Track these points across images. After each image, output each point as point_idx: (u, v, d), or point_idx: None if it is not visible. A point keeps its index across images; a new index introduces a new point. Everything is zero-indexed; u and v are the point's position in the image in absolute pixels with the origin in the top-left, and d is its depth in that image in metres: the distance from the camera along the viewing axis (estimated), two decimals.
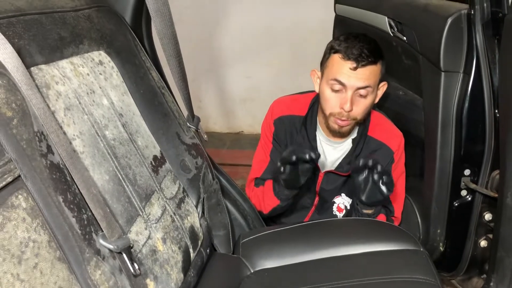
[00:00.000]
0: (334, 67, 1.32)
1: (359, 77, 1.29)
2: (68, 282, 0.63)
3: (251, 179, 1.55)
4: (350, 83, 1.29)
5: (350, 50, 1.29)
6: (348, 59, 1.29)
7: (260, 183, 1.51)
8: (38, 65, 0.77)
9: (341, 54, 1.30)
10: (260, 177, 1.52)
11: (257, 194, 1.49)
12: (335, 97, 1.33)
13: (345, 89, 1.31)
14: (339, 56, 1.31)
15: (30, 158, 0.64)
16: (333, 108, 1.34)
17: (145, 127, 1.03)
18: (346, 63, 1.29)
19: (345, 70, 1.29)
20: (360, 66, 1.28)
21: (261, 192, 1.46)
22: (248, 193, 1.54)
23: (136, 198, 0.88)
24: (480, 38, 1.34)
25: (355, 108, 1.32)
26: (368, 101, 1.34)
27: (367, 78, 1.30)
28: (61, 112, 0.77)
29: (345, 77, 1.29)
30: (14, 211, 0.58)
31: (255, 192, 1.50)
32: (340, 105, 1.32)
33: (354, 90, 1.30)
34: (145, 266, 0.83)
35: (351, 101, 1.30)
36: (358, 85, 1.29)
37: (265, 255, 1.18)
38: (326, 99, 1.35)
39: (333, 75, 1.31)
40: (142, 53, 1.12)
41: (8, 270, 0.54)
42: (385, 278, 1.01)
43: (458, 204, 1.46)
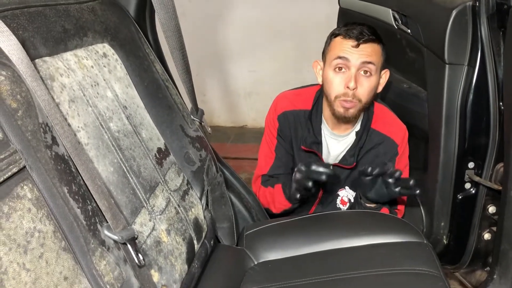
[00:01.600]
0: (336, 47, 1.35)
1: (362, 53, 1.31)
2: (73, 272, 0.64)
3: (257, 175, 1.55)
4: (353, 58, 1.31)
5: (350, 31, 1.32)
6: (349, 38, 1.32)
7: (268, 182, 1.51)
8: (42, 57, 0.78)
9: (342, 35, 1.34)
10: (267, 174, 1.52)
11: (265, 194, 1.49)
12: (339, 77, 1.34)
13: (348, 66, 1.32)
14: (340, 37, 1.34)
15: (35, 149, 0.64)
16: (338, 89, 1.34)
17: (149, 120, 1.03)
18: (347, 41, 1.32)
19: (347, 47, 1.32)
20: (361, 42, 1.31)
21: (270, 194, 1.47)
22: (255, 189, 1.54)
23: (140, 190, 0.88)
24: (485, 31, 1.33)
25: (360, 88, 1.33)
26: (372, 81, 1.34)
27: (370, 54, 1.32)
28: (66, 104, 0.78)
29: (348, 53, 1.32)
30: (20, 202, 0.59)
31: (263, 191, 1.50)
32: (345, 84, 1.33)
33: (358, 68, 1.32)
34: (149, 257, 0.83)
35: (355, 79, 1.31)
36: (362, 60, 1.31)
37: (269, 247, 1.18)
38: (330, 82, 1.36)
39: (336, 54, 1.34)
40: (146, 46, 1.13)
41: (14, 260, 0.55)
42: (388, 270, 1.01)
43: (462, 197, 1.46)
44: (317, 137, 1.45)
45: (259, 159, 1.56)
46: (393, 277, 0.99)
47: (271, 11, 3.17)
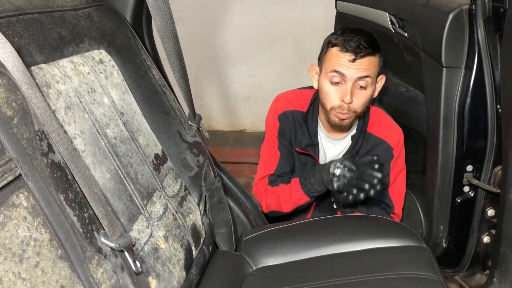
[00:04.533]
0: (333, 60, 1.32)
1: (358, 68, 1.29)
2: (70, 280, 0.63)
3: (262, 176, 1.53)
4: (350, 74, 1.30)
5: (347, 42, 1.29)
6: (346, 51, 1.30)
7: (277, 181, 1.49)
8: (38, 64, 0.77)
9: (339, 47, 1.31)
10: (274, 173, 1.51)
11: (276, 193, 1.46)
12: (335, 90, 1.33)
13: (345, 80, 1.31)
14: (337, 49, 1.32)
15: (31, 157, 0.64)
16: (333, 101, 1.34)
17: (146, 126, 1.03)
18: (344, 55, 1.30)
19: (344, 61, 1.30)
20: (358, 57, 1.29)
21: (283, 191, 1.44)
22: (258, 191, 1.52)
23: (137, 197, 0.88)
24: (481, 34, 1.33)
25: (355, 100, 1.32)
26: (368, 93, 1.34)
27: (366, 68, 1.30)
28: (62, 111, 0.78)
29: (345, 68, 1.30)
30: (15, 210, 0.58)
31: (272, 191, 1.48)
32: (341, 98, 1.32)
33: (354, 82, 1.31)
34: (147, 264, 0.83)
35: (351, 93, 1.31)
36: (358, 75, 1.30)
37: (268, 252, 1.18)
38: (325, 93, 1.35)
39: (332, 67, 1.32)
40: (143, 52, 1.12)
41: (10, 269, 0.54)
42: (387, 275, 1.01)
43: (460, 200, 1.46)
44: (313, 140, 1.45)
45: (262, 160, 1.54)
46: (393, 281, 0.99)
47: (269, 15, 3.18)
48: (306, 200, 1.41)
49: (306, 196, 1.39)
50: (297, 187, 1.40)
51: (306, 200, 1.41)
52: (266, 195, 1.49)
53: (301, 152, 1.47)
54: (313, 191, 1.38)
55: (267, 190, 1.49)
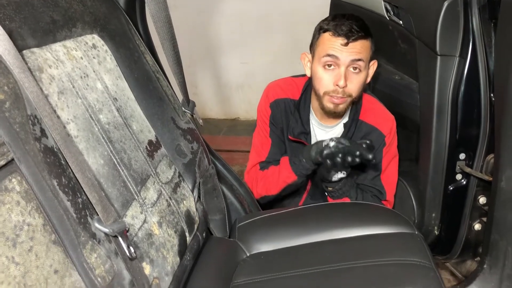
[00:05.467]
0: (325, 44, 1.33)
1: (351, 51, 1.30)
2: (63, 265, 0.63)
3: (253, 163, 1.53)
4: (343, 57, 1.31)
5: (339, 27, 1.30)
6: (338, 36, 1.30)
7: (267, 165, 1.50)
8: (30, 48, 0.76)
9: (331, 31, 1.32)
10: (266, 160, 1.51)
11: (266, 176, 1.47)
12: (328, 75, 1.34)
13: (338, 64, 1.32)
14: (329, 34, 1.32)
15: (24, 141, 0.64)
16: (327, 86, 1.34)
17: (140, 112, 1.02)
18: (337, 39, 1.31)
19: (336, 45, 1.31)
20: (351, 40, 1.30)
21: (273, 172, 1.46)
22: (250, 178, 1.53)
23: (131, 183, 0.88)
24: (476, 22, 1.33)
25: (349, 84, 1.33)
26: (361, 77, 1.35)
27: (359, 51, 1.31)
28: (55, 96, 0.77)
29: (338, 52, 1.31)
30: (8, 195, 0.58)
31: (262, 175, 1.49)
32: (334, 82, 1.32)
33: (347, 65, 1.31)
34: (141, 249, 0.83)
35: (345, 77, 1.31)
36: (351, 58, 1.31)
37: (261, 238, 1.19)
38: (319, 78, 1.36)
39: (325, 51, 1.32)
40: (136, 37, 1.11)
41: (3, 253, 0.54)
42: (379, 261, 1.02)
43: (453, 188, 1.47)
44: (305, 128, 1.46)
45: (254, 148, 1.55)
46: (385, 267, 1.00)
47: (263, 3, 3.15)
48: (294, 179, 1.41)
49: (294, 174, 1.40)
50: (286, 165, 1.41)
51: (294, 179, 1.41)
52: (257, 181, 1.49)
53: (293, 140, 1.47)
54: (301, 168, 1.38)
55: (257, 176, 1.50)
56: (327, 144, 1.28)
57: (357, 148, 1.23)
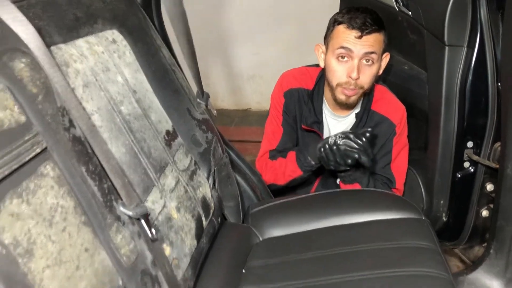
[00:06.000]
0: (340, 37, 1.37)
1: (365, 44, 1.34)
2: (93, 244, 0.69)
3: (264, 151, 1.58)
4: (357, 50, 1.34)
5: (354, 20, 1.34)
6: (352, 29, 1.34)
7: (277, 155, 1.54)
8: (57, 44, 0.81)
9: (346, 24, 1.36)
10: (276, 148, 1.55)
11: (274, 166, 1.52)
12: (342, 67, 1.38)
13: (352, 57, 1.36)
14: (343, 26, 1.36)
15: (55, 131, 0.69)
16: (340, 78, 1.38)
17: (158, 103, 1.07)
18: (351, 32, 1.35)
19: (350, 38, 1.35)
20: (365, 34, 1.34)
21: (280, 164, 1.50)
22: (260, 165, 1.58)
23: (151, 170, 0.93)
24: (484, 12, 1.36)
25: (362, 77, 1.37)
26: (373, 69, 1.39)
27: (372, 44, 1.35)
28: (80, 89, 0.82)
29: (351, 44, 1.35)
30: (44, 180, 0.64)
31: (271, 164, 1.53)
32: (347, 74, 1.37)
33: (360, 58, 1.35)
34: (161, 232, 0.88)
35: (358, 69, 1.35)
36: (364, 51, 1.35)
37: (274, 224, 1.24)
38: (332, 70, 1.40)
39: (339, 43, 1.36)
40: (153, 32, 1.16)
41: (42, 232, 0.60)
42: (387, 244, 1.06)
43: (461, 176, 1.50)
44: (318, 117, 1.49)
45: (266, 136, 1.59)
46: (392, 250, 1.04)
47: None
48: (299, 174, 1.46)
49: (299, 170, 1.45)
50: (292, 160, 1.46)
51: (299, 174, 1.46)
52: (266, 169, 1.54)
53: (306, 129, 1.52)
54: (306, 165, 1.43)
55: (267, 164, 1.54)
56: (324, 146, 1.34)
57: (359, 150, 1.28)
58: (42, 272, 0.58)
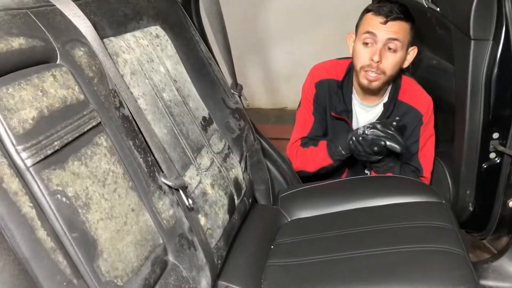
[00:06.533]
0: (366, 23, 1.47)
1: (389, 30, 1.42)
2: (138, 206, 0.80)
3: (296, 138, 1.65)
4: (380, 35, 1.43)
5: (381, 8, 1.44)
6: (379, 14, 1.43)
7: (308, 143, 1.61)
8: (108, 37, 0.94)
9: (373, 11, 1.45)
10: (307, 136, 1.63)
11: (305, 153, 1.59)
12: (366, 50, 1.46)
13: (375, 41, 1.44)
14: (371, 13, 1.46)
15: (107, 109, 0.81)
16: (364, 61, 1.47)
17: (195, 92, 1.19)
18: (377, 17, 1.44)
19: (375, 23, 1.43)
20: (389, 19, 1.42)
21: (311, 151, 1.57)
22: (291, 152, 1.64)
23: (189, 150, 1.04)
24: (509, 7, 1.38)
25: (384, 61, 1.44)
26: (397, 57, 1.45)
27: (396, 31, 1.43)
28: (128, 76, 0.94)
29: (376, 29, 1.43)
30: (98, 148, 0.75)
31: (302, 152, 1.60)
32: (370, 57, 1.45)
33: (384, 43, 1.43)
34: (197, 204, 0.99)
35: (380, 53, 1.43)
36: (388, 37, 1.42)
37: (301, 206, 1.32)
38: (357, 53, 1.49)
39: (365, 29, 1.46)
40: (192, 28, 1.28)
41: (96, 190, 0.72)
42: (407, 224, 1.13)
43: (487, 166, 1.53)
44: (347, 106, 1.57)
45: (298, 124, 1.67)
46: (411, 229, 1.11)
47: None
48: (329, 163, 1.53)
49: (329, 158, 1.52)
50: (323, 149, 1.53)
51: (329, 162, 1.53)
52: (297, 156, 1.61)
53: (336, 117, 1.60)
54: (336, 154, 1.50)
55: (298, 151, 1.62)
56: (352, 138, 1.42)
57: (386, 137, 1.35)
58: (97, 222, 0.70)
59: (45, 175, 0.64)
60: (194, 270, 0.89)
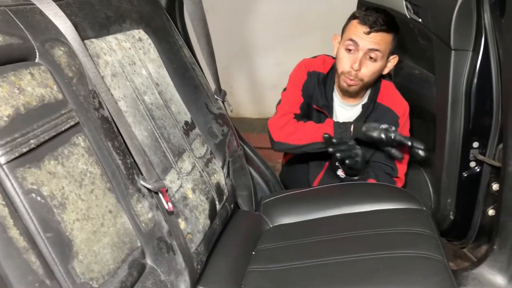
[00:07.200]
0: (351, 30, 1.51)
1: (371, 40, 1.47)
2: (116, 208, 0.79)
3: (286, 111, 1.60)
4: (362, 44, 1.47)
5: (367, 17, 1.48)
6: (364, 24, 1.47)
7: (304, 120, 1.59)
8: (90, 39, 0.93)
9: (359, 19, 1.49)
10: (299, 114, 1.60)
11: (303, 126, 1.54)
12: (348, 57, 1.51)
13: (357, 49, 1.48)
14: (357, 21, 1.50)
15: (86, 110, 0.80)
16: (344, 67, 1.52)
17: (178, 97, 1.19)
18: (361, 27, 1.48)
19: (359, 32, 1.48)
20: (373, 30, 1.46)
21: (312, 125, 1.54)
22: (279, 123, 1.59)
23: (170, 153, 1.04)
24: (488, 18, 1.42)
25: (363, 69, 1.49)
26: (376, 66, 1.50)
27: (378, 42, 1.47)
28: (109, 77, 0.94)
29: (359, 38, 1.47)
30: (76, 148, 0.75)
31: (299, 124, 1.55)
32: (351, 64, 1.49)
33: (365, 52, 1.48)
34: (177, 208, 0.98)
35: (360, 62, 1.48)
36: (369, 47, 1.47)
37: (283, 213, 1.33)
38: (340, 58, 1.54)
39: (349, 36, 1.50)
40: (176, 33, 1.28)
41: (73, 190, 0.71)
42: (387, 230, 1.13)
43: (467, 175, 1.55)
44: (328, 102, 1.61)
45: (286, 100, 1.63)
46: (391, 235, 1.11)
47: (298, 4, 3.27)
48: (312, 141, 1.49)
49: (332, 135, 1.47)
50: (330, 123, 1.52)
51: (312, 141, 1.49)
52: (286, 126, 1.56)
53: (317, 110, 1.62)
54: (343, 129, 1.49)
55: (289, 122, 1.56)
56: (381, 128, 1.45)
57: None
58: (72, 223, 0.69)
59: (20, 173, 0.63)
60: (172, 274, 0.88)
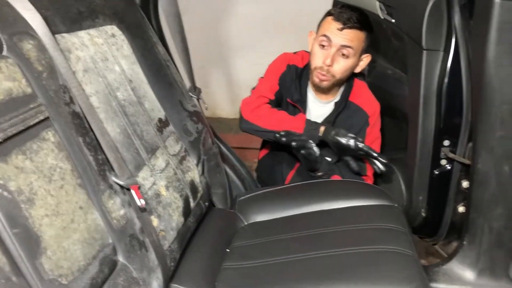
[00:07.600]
0: (325, 26, 1.54)
1: (344, 37, 1.50)
2: (86, 204, 0.78)
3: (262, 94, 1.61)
4: (335, 40, 1.50)
5: (341, 14, 1.51)
6: (337, 21, 1.50)
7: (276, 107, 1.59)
8: (61, 33, 0.92)
9: (334, 16, 1.52)
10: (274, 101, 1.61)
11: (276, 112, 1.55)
12: (321, 53, 1.53)
13: (330, 45, 1.51)
14: (331, 18, 1.53)
15: (57, 105, 0.79)
16: (317, 62, 1.54)
17: (152, 94, 1.17)
18: (335, 23, 1.51)
19: (333, 28, 1.51)
20: (346, 27, 1.49)
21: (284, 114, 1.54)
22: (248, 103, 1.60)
23: (143, 150, 1.03)
24: (458, 19, 1.45)
25: (335, 65, 1.52)
26: (347, 63, 1.53)
27: (351, 39, 1.50)
28: (80, 73, 0.92)
29: (332, 34, 1.50)
30: (45, 143, 0.73)
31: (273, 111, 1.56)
32: (323, 60, 1.52)
33: (337, 49, 1.50)
34: (150, 205, 0.97)
35: (333, 58, 1.51)
36: (342, 43, 1.50)
37: (258, 210, 1.33)
38: (313, 54, 1.56)
39: (323, 32, 1.53)
40: (150, 30, 1.27)
41: (42, 186, 0.69)
42: (359, 226, 1.15)
43: (438, 173, 1.58)
44: (302, 96, 1.63)
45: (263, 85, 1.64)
46: (363, 231, 1.13)
47: (274, 5, 3.28)
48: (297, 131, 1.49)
49: (301, 129, 1.50)
50: (301, 118, 1.53)
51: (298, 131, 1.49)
52: (258, 109, 1.56)
53: (292, 104, 1.64)
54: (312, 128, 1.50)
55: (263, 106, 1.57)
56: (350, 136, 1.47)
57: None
58: (41, 219, 0.67)
59: None
60: (145, 271, 0.88)
